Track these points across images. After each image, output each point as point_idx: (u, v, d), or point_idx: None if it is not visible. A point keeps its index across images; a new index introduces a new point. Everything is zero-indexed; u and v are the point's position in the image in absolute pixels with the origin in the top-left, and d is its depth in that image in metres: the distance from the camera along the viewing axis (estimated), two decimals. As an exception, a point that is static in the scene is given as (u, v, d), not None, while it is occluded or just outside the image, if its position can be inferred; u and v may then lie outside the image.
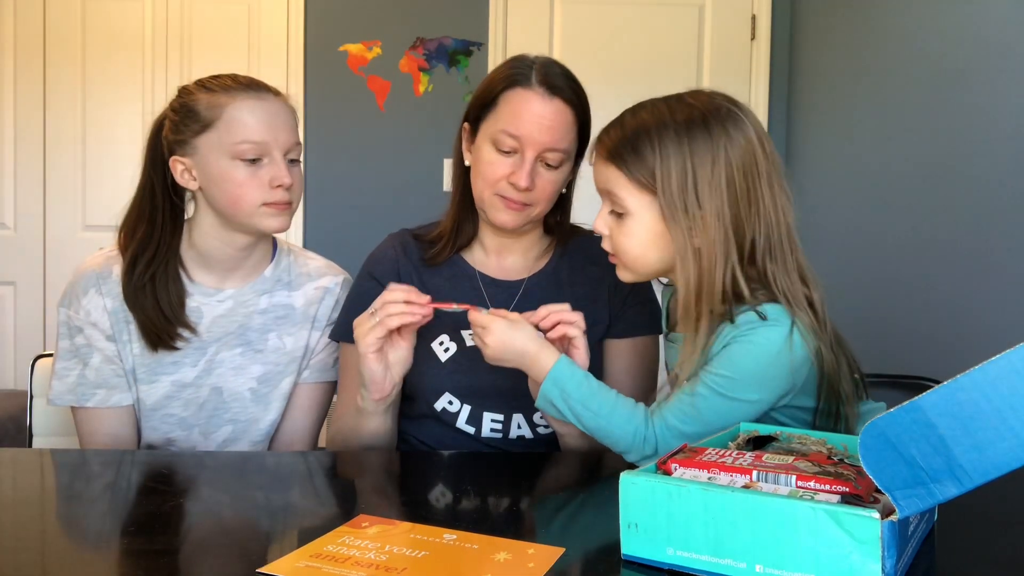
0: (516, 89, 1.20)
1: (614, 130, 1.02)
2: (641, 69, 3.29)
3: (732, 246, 0.96)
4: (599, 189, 1.04)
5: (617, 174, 0.99)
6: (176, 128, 1.24)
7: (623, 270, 1.05)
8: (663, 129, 0.96)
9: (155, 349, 1.27)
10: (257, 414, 1.32)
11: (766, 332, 0.95)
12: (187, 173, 1.25)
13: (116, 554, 0.76)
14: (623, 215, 1.00)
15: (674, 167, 0.95)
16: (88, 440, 1.28)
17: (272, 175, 1.22)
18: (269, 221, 1.25)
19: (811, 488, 0.69)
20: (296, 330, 1.34)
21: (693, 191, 0.95)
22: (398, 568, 0.69)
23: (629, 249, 1.01)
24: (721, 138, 0.95)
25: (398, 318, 1.08)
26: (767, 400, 0.98)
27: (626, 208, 0.99)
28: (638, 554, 0.71)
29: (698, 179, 0.95)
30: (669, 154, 0.95)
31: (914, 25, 2.30)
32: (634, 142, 0.98)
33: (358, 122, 3.31)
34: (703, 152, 0.95)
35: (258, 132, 1.21)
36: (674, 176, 0.95)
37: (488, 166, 1.21)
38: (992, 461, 0.58)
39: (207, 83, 1.26)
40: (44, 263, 3.30)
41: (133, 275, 1.25)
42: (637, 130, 0.98)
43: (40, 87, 3.28)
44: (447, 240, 1.30)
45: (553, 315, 1.08)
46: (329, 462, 1.14)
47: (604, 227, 1.03)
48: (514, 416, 1.23)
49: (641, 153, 0.97)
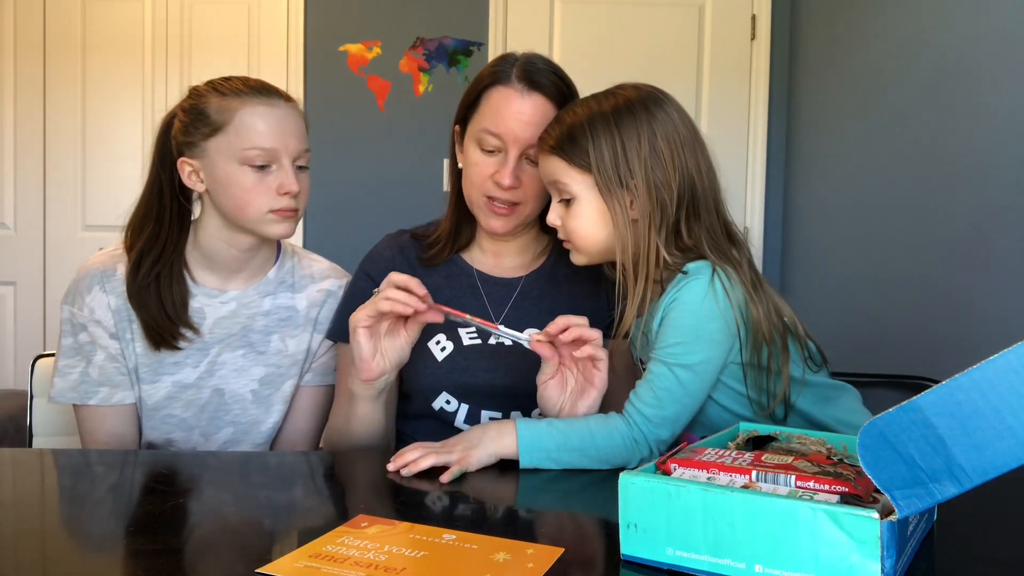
0: (496, 87, 1.20)
1: (553, 128, 1.13)
2: (641, 69, 3.28)
3: (664, 211, 1.07)
4: (546, 183, 1.15)
5: (559, 163, 1.10)
6: (186, 130, 1.24)
7: (576, 253, 1.15)
8: (594, 118, 1.09)
9: (157, 348, 1.27)
10: (258, 416, 1.32)
11: (690, 285, 1.05)
12: (195, 175, 1.24)
13: (116, 554, 0.76)
14: (571, 201, 1.11)
15: (606, 146, 1.07)
16: (90, 439, 1.28)
17: (280, 182, 1.22)
18: (274, 228, 1.24)
19: (810, 488, 0.69)
20: (299, 332, 1.34)
21: (624, 163, 1.07)
22: (397, 568, 0.69)
23: (577, 229, 1.11)
24: (643, 116, 1.08)
25: (388, 303, 1.06)
26: (719, 356, 1.06)
27: (572, 193, 1.10)
28: (637, 554, 0.71)
29: (628, 152, 1.07)
30: (600, 136, 1.08)
31: (914, 25, 2.30)
32: (570, 133, 1.10)
33: (358, 122, 3.31)
34: (630, 129, 1.07)
35: (268, 139, 1.21)
36: (606, 153, 1.07)
37: (474, 167, 1.21)
38: (991, 461, 0.58)
39: (219, 85, 1.25)
40: (44, 263, 3.30)
41: (138, 274, 1.25)
42: (572, 123, 1.10)
43: (40, 87, 3.28)
44: (445, 243, 1.30)
45: (573, 329, 1.05)
46: (328, 462, 1.14)
47: (556, 217, 1.14)
48: (512, 415, 1.23)
49: (577, 140, 1.09)
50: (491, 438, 1.02)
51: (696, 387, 1.04)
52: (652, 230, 1.07)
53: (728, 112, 3.29)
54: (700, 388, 1.05)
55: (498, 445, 1.02)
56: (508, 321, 1.26)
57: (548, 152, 1.12)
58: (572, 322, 1.05)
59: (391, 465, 0.98)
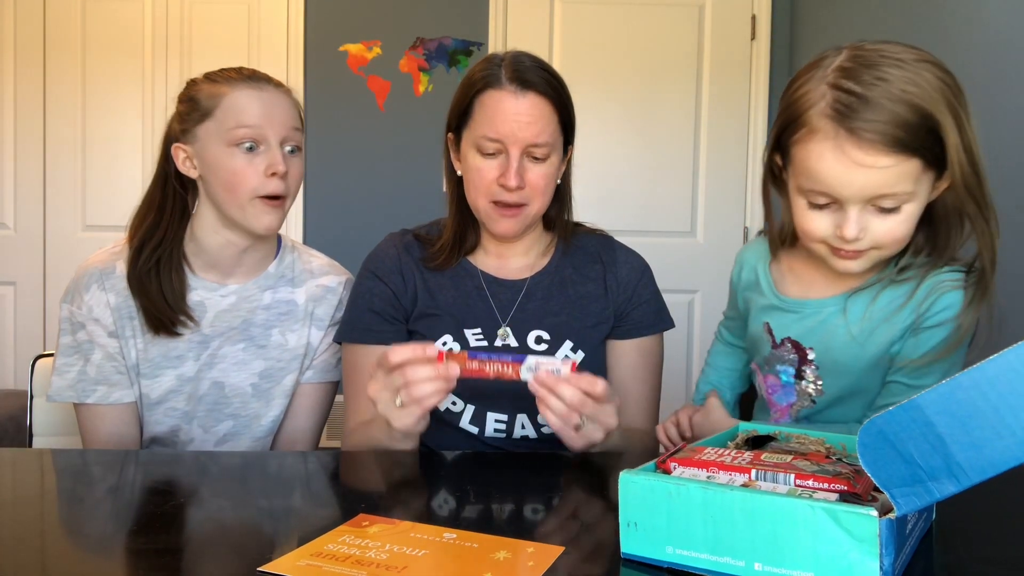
0: (488, 91, 1.19)
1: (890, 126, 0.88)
2: (641, 69, 3.30)
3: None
4: (876, 194, 0.92)
5: (917, 164, 0.90)
6: (181, 118, 1.27)
7: (867, 259, 0.97)
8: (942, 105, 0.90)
9: (156, 333, 1.28)
10: (259, 410, 1.33)
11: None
12: (188, 161, 1.26)
13: (117, 554, 0.76)
14: (899, 207, 0.93)
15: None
16: (90, 438, 1.29)
17: (268, 162, 1.23)
18: (261, 219, 1.24)
19: (810, 487, 0.69)
20: (299, 327, 1.34)
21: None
22: (398, 567, 0.69)
23: (904, 233, 0.95)
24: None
25: (434, 398, 1.00)
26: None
27: (911, 194, 0.92)
28: (637, 552, 0.71)
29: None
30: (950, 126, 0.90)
31: (913, 26, 2.30)
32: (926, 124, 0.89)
33: (358, 122, 3.31)
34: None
35: (253, 117, 1.23)
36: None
37: (476, 172, 1.20)
38: (990, 459, 0.58)
39: (212, 75, 1.28)
40: (44, 263, 3.31)
41: (139, 260, 1.26)
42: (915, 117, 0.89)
43: (40, 87, 3.28)
44: (450, 252, 1.29)
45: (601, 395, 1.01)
46: (330, 462, 1.14)
47: (861, 230, 0.94)
48: (518, 416, 1.23)
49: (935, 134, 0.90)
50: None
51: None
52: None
53: (728, 112, 3.29)
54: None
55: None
56: (514, 323, 1.26)
57: (898, 152, 0.89)
58: (608, 395, 1.02)
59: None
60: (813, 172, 0.92)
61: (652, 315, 1.31)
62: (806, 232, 0.98)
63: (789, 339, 1.08)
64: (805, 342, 1.06)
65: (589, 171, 2.95)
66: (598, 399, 1.01)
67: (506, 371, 1.00)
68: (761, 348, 1.13)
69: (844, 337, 1.03)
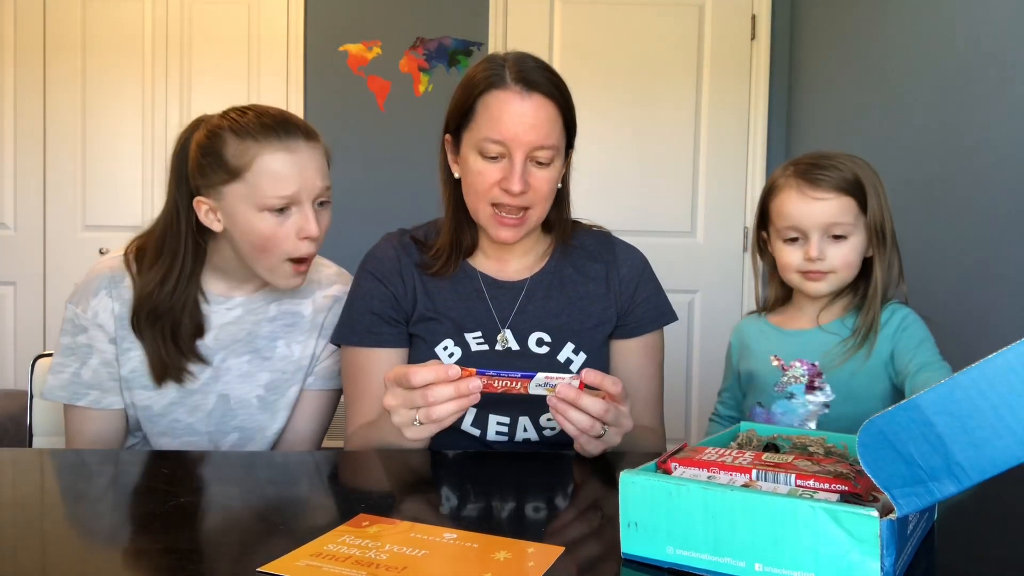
0: (492, 92, 1.15)
1: (831, 173, 1.27)
2: (641, 69, 3.30)
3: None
4: (828, 222, 1.25)
5: (852, 204, 1.26)
6: (202, 171, 1.20)
7: (827, 283, 1.27)
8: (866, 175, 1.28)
9: (160, 383, 1.26)
10: (264, 422, 1.32)
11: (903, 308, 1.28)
12: (211, 214, 1.21)
13: (117, 554, 0.76)
14: (846, 236, 1.25)
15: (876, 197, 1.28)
16: (74, 439, 1.28)
17: (300, 226, 1.19)
18: (288, 280, 1.23)
19: (810, 487, 0.69)
20: (304, 338, 1.33)
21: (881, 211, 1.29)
22: (398, 567, 0.69)
23: (854, 260, 1.26)
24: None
25: (453, 417, 0.99)
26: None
27: (853, 226, 1.26)
28: (638, 553, 0.71)
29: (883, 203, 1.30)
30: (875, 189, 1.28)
31: (914, 25, 2.30)
32: (857, 181, 1.27)
33: (358, 122, 3.31)
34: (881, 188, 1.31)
35: (289, 186, 1.17)
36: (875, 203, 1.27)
37: (478, 176, 1.17)
38: (990, 459, 0.58)
39: (235, 124, 1.19)
40: (44, 263, 3.30)
41: (144, 308, 1.23)
42: (854, 176, 1.27)
43: (40, 87, 3.28)
44: (447, 257, 1.27)
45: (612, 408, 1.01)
46: (330, 461, 1.14)
47: (821, 253, 1.26)
48: (520, 419, 1.22)
49: (864, 189, 1.27)
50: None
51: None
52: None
53: (728, 112, 3.29)
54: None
55: None
56: (515, 325, 1.26)
57: (840, 193, 1.25)
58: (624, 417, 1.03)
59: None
60: (784, 212, 1.28)
61: (654, 311, 1.31)
62: (784, 265, 1.30)
63: (799, 360, 1.29)
64: (810, 359, 1.29)
65: (589, 171, 2.94)
66: (618, 401, 1.01)
67: (514, 387, 0.99)
68: (770, 380, 1.30)
69: (843, 350, 1.26)
